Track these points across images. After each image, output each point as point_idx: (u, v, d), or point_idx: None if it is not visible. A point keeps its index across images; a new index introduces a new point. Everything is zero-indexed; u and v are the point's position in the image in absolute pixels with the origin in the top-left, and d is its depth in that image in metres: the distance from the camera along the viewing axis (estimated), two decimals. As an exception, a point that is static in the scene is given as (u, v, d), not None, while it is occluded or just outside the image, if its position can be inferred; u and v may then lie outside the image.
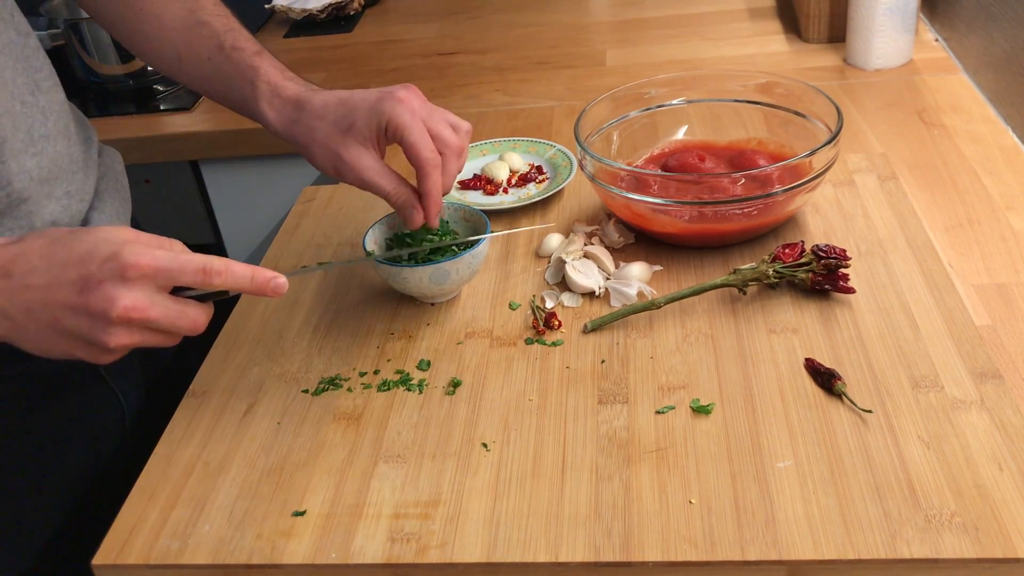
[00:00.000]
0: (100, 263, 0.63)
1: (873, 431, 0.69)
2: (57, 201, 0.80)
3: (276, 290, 0.68)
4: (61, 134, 0.81)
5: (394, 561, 0.64)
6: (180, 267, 0.64)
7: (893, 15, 1.23)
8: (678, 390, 0.75)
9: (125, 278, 0.62)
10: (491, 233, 0.87)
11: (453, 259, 0.84)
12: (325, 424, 0.77)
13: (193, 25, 0.87)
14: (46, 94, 0.80)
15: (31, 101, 0.78)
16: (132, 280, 0.63)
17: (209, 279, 0.66)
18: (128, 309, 0.62)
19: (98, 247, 0.63)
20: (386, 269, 0.85)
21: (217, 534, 0.68)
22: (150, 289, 0.64)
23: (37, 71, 0.80)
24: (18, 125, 0.76)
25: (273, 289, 0.68)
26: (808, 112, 0.97)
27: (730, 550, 0.62)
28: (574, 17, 1.63)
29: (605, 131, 1.01)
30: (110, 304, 0.62)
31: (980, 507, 0.63)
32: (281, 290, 0.68)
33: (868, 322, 0.80)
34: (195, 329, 0.67)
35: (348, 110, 0.80)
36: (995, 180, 1.00)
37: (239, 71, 0.85)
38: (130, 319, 0.63)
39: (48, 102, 0.80)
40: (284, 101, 0.83)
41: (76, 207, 0.82)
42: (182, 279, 0.65)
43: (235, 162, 1.38)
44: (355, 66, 1.53)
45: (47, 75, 0.81)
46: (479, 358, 0.82)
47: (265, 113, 0.84)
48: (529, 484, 0.69)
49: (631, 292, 0.85)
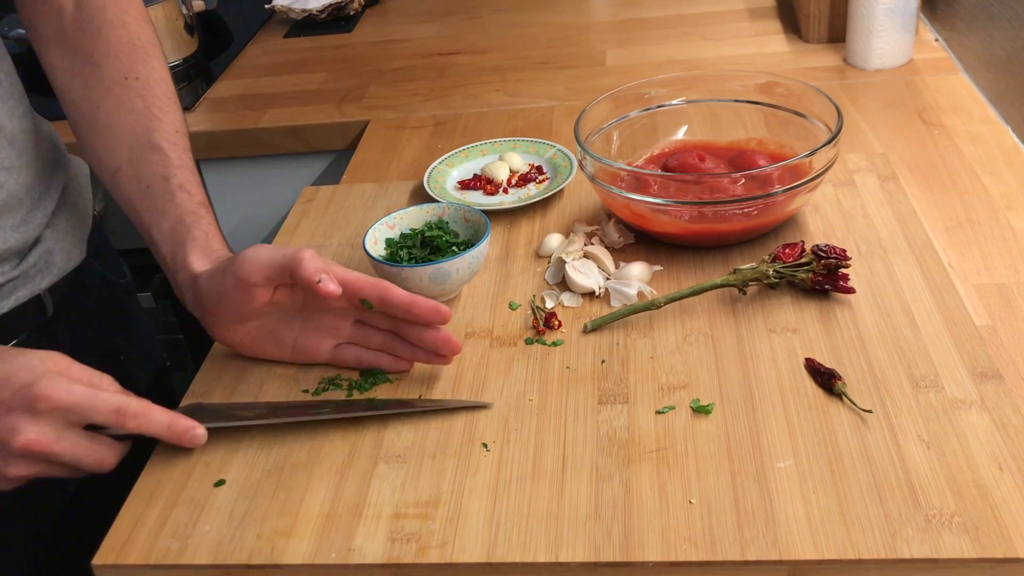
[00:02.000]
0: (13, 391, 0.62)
1: (873, 431, 0.69)
2: (12, 231, 0.79)
3: (193, 441, 0.69)
4: (26, 165, 0.79)
5: (394, 561, 0.64)
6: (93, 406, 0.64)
7: (893, 15, 1.23)
8: (678, 390, 0.75)
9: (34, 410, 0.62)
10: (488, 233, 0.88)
11: (453, 259, 0.84)
12: (325, 424, 0.77)
13: (145, 147, 0.83)
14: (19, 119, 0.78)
15: None
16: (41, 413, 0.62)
17: (123, 421, 0.65)
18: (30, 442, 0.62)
19: (17, 374, 0.63)
20: (386, 269, 0.85)
21: (217, 534, 0.68)
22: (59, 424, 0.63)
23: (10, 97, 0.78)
24: None
25: (190, 440, 0.68)
26: (808, 112, 0.97)
27: (730, 550, 0.62)
28: (574, 17, 1.63)
29: (605, 131, 1.01)
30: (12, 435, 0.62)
31: (980, 507, 0.63)
32: (198, 441, 0.69)
33: (868, 322, 0.80)
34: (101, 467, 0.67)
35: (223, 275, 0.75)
36: (995, 180, 1.00)
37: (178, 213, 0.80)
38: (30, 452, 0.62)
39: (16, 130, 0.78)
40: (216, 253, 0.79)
41: (31, 232, 0.82)
42: (95, 418, 0.65)
43: (235, 162, 1.38)
44: (355, 66, 1.53)
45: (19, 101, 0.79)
46: (479, 358, 0.82)
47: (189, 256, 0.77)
48: (529, 484, 0.69)
49: (631, 292, 0.85)
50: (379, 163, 1.21)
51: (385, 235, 0.91)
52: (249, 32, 1.72)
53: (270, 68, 1.56)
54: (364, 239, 0.89)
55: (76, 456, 0.65)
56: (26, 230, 0.80)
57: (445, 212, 0.92)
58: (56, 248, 0.86)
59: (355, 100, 1.40)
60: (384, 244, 0.90)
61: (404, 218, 0.92)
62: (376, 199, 1.09)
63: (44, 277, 0.84)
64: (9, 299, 0.81)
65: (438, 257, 0.86)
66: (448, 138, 1.25)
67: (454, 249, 0.87)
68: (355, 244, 1.01)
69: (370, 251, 0.87)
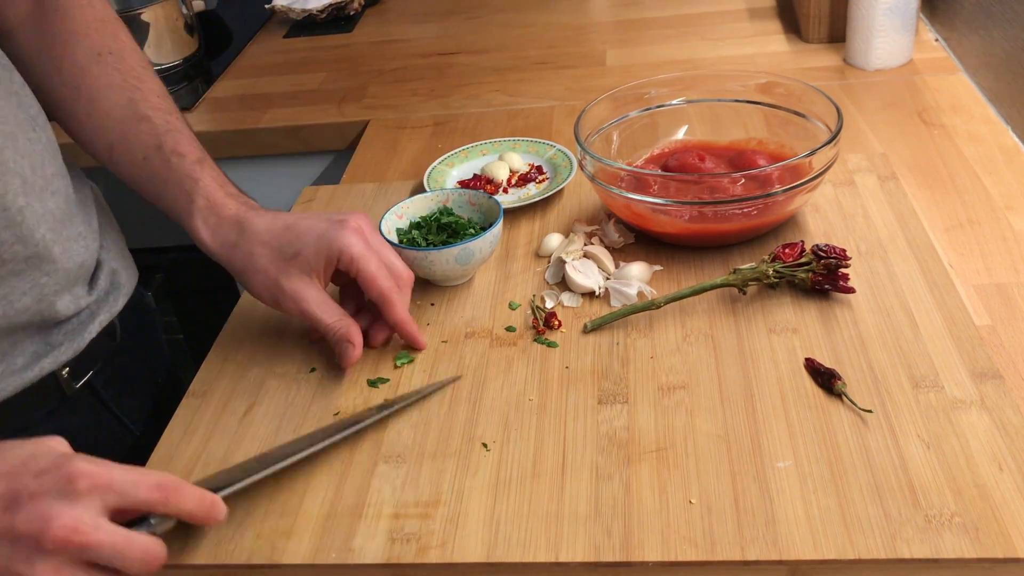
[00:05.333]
0: (37, 474, 0.54)
1: (873, 431, 0.69)
2: (76, 242, 0.77)
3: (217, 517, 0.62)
4: (62, 172, 0.77)
5: (394, 561, 0.64)
6: (135, 481, 0.56)
7: (893, 15, 1.23)
8: (678, 390, 0.75)
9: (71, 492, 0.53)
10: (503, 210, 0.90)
11: (476, 239, 0.86)
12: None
13: (132, 118, 0.81)
14: (43, 130, 0.76)
15: (34, 137, 0.74)
16: (80, 494, 0.53)
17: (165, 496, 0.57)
18: (68, 530, 0.52)
19: (35, 459, 0.55)
20: (411, 254, 0.87)
21: (217, 534, 0.68)
22: (96, 507, 0.54)
23: (29, 107, 0.75)
24: (33, 166, 0.72)
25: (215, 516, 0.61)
26: (808, 112, 0.97)
27: (730, 550, 0.62)
28: (574, 17, 1.63)
29: (605, 131, 1.01)
30: (45, 524, 0.51)
31: (980, 507, 0.63)
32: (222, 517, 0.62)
33: (868, 322, 0.80)
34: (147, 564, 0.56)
35: (294, 237, 0.76)
36: (995, 180, 1.00)
37: (175, 179, 0.79)
38: (69, 544, 0.52)
39: (47, 139, 0.76)
40: (221, 221, 0.78)
41: (91, 246, 0.79)
42: (137, 495, 0.56)
43: (235, 162, 1.38)
44: (355, 66, 1.53)
45: (37, 110, 0.77)
46: (479, 358, 0.82)
47: (199, 231, 0.78)
48: (529, 484, 0.69)
49: (631, 292, 0.85)
50: (379, 163, 1.21)
51: (396, 225, 0.93)
52: (249, 32, 1.72)
53: (270, 68, 1.56)
54: (380, 228, 0.90)
55: (118, 548, 0.54)
56: (87, 243, 0.78)
57: (450, 199, 0.94)
58: (118, 267, 0.85)
59: (355, 100, 1.40)
60: (396, 233, 0.91)
61: (411, 207, 0.94)
62: (376, 199, 1.09)
63: (116, 299, 0.83)
64: (93, 324, 0.80)
65: (457, 240, 0.88)
66: (448, 138, 1.25)
67: (471, 231, 0.89)
68: (355, 244, 1.01)
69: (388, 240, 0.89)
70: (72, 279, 0.76)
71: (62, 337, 0.77)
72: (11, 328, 0.72)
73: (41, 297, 0.72)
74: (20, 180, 0.70)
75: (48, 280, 0.73)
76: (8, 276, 0.70)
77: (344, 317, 0.79)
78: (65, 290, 0.75)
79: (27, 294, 0.71)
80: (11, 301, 0.70)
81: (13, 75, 0.75)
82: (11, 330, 0.72)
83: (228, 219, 0.78)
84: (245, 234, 0.77)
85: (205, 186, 0.79)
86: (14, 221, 0.69)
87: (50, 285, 0.73)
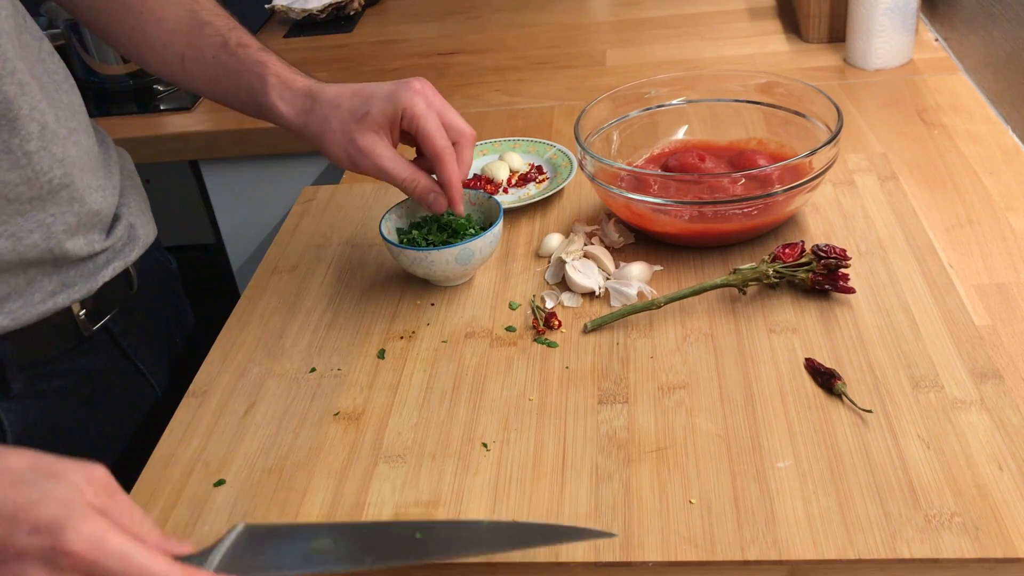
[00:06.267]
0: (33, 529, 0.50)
1: (873, 431, 0.69)
2: (95, 191, 0.81)
3: None
4: (85, 131, 0.82)
5: (394, 561, 0.64)
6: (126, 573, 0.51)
7: (893, 15, 1.23)
8: (678, 390, 0.75)
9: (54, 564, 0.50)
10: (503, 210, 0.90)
11: (476, 239, 0.86)
12: (325, 424, 0.77)
13: (195, 25, 0.87)
14: (67, 94, 0.81)
15: (56, 99, 0.79)
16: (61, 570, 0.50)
17: None
18: None
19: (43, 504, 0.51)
20: (411, 254, 0.87)
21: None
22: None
23: (55, 73, 0.80)
24: (58, 116, 0.77)
25: None
26: (808, 112, 0.97)
27: (730, 550, 0.62)
28: (574, 17, 1.63)
29: (605, 131, 1.01)
30: None
31: (980, 507, 0.63)
32: None
33: (868, 322, 0.80)
34: None
35: (363, 100, 0.82)
36: (995, 180, 1.00)
37: (246, 67, 0.85)
38: None
39: (71, 100, 0.81)
40: (295, 93, 0.83)
41: (110, 198, 0.84)
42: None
43: (235, 162, 1.38)
44: (355, 66, 1.53)
45: (64, 77, 0.82)
46: (479, 358, 0.82)
47: (276, 105, 0.83)
48: (529, 484, 0.69)
49: (631, 292, 0.85)
50: (379, 163, 1.20)
51: (396, 225, 0.93)
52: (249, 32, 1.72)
53: (270, 68, 1.56)
54: (380, 229, 0.90)
55: None
56: (105, 195, 0.82)
57: None
58: (136, 223, 0.89)
59: (355, 100, 1.39)
60: (396, 233, 0.92)
61: (411, 207, 0.94)
62: (376, 199, 1.09)
63: (132, 250, 0.87)
64: (107, 269, 0.84)
65: (457, 239, 0.88)
66: (448, 138, 1.25)
67: (471, 231, 0.89)
68: (355, 244, 1.01)
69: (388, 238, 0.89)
70: (86, 224, 0.80)
71: (77, 278, 0.81)
72: (23, 263, 0.76)
73: (49, 236, 0.76)
74: (39, 128, 0.74)
75: (55, 221, 0.76)
76: (13, 215, 0.74)
77: (417, 171, 0.83)
78: (78, 233, 0.79)
79: (34, 232, 0.75)
80: (19, 238, 0.74)
81: (43, 43, 0.80)
82: (24, 265, 0.76)
83: (300, 90, 0.84)
84: (318, 101, 0.83)
85: (273, 66, 0.84)
86: (19, 163, 0.73)
87: (57, 225, 0.77)
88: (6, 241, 0.74)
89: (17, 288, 0.76)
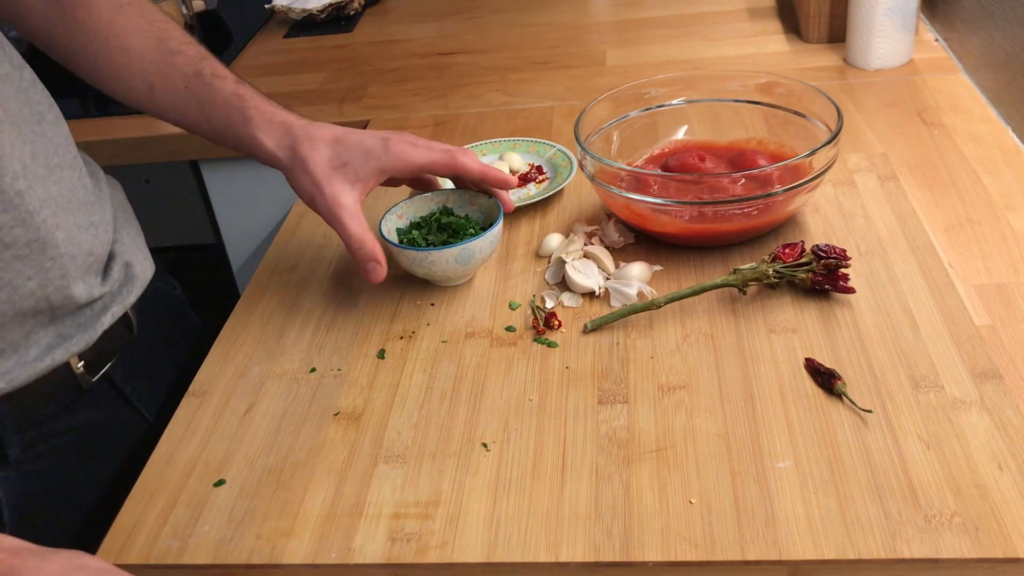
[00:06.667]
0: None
1: (873, 431, 0.69)
2: (86, 230, 0.78)
3: None
4: (71, 165, 0.79)
5: (394, 561, 0.65)
6: None
7: (893, 15, 1.23)
8: (678, 390, 0.75)
9: None
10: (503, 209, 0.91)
11: (476, 239, 0.86)
12: (325, 424, 0.77)
13: (166, 54, 0.85)
14: (51, 125, 0.78)
15: (39, 131, 0.76)
16: None
17: None
18: None
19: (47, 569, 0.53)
20: (411, 255, 0.87)
21: (217, 534, 0.68)
22: None
23: (38, 103, 0.77)
24: (35, 153, 0.74)
25: None
26: (808, 112, 0.97)
27: (730, 550, 0.62)
28: (574, 17, 1.63)
29: (605, 131, 1.01)
30: None
31: (980, 507, 0.63)
32: None
33: (868, 322, 0.80)
34: None
35: (344, 149, 0.83)
36: (995, 180, 1.00)
37: (223, 98, 0.84)
38: None
39: (54, 134, 0.78)
40: (277, 126, 0.83)
41: (103, 236, 0.81)
42: None
43: (235, 162, 1.38)
44: (355, 66, 1.53)
45: (48, 107, 0.79)
46: (479, 358, 0.82)
47: (258, 137, 0.83)
48: (529, 484, 0.69)
49: (631, 292, 0.85)
50: (379, 163, 1.20)
51: (396, 225, 0.93)
52: (249, 32, 1.72)
53: (270, 68, 1.56)
54: (380, 229, 0.90)
55: None
56: (97, 233, 0.79)
57: (450, 198, 0.94)
58: (132, 260, 0.86)
59: (355, 100, 1.40)
60: (395, 233, 0.92)
61: (411, 207, 0.94)
62: (376, 199, 1.09)
63: (130, 291, 0.84)
64: (106, 316, 0.81)
65: (457, 240, 0.88)
66: (448, 138, 1.25)
67: (471, 231, 0.89)
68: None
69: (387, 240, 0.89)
70: (81, 267, 0.77)
71: (74, 329, 0.78)
72: (20, 314, 0.73)
73: (46, 282, 0.73)
74: (20, 165, 0.71)
75: (53, 265, 0.73)
76: (12, 260, 0.70)
77: (369, 233, 0.82)
78: (76, 278, 0.76)
79: (32, 279, 0.72)
80: (16, 286, 0.71)
81: (24, 72, 0.77)
82: (21, 317, 0.73)
83: (281, 124, 0.84)
84: (299, 139, 0.83)
85: (252, 98, 0.84)
86: (12, 204, 0.70)
87: (55, 270, 0.73)
88: (2, 291, 0.70)
89: (13, 343, 0.73)
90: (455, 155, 0.85)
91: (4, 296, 0.71)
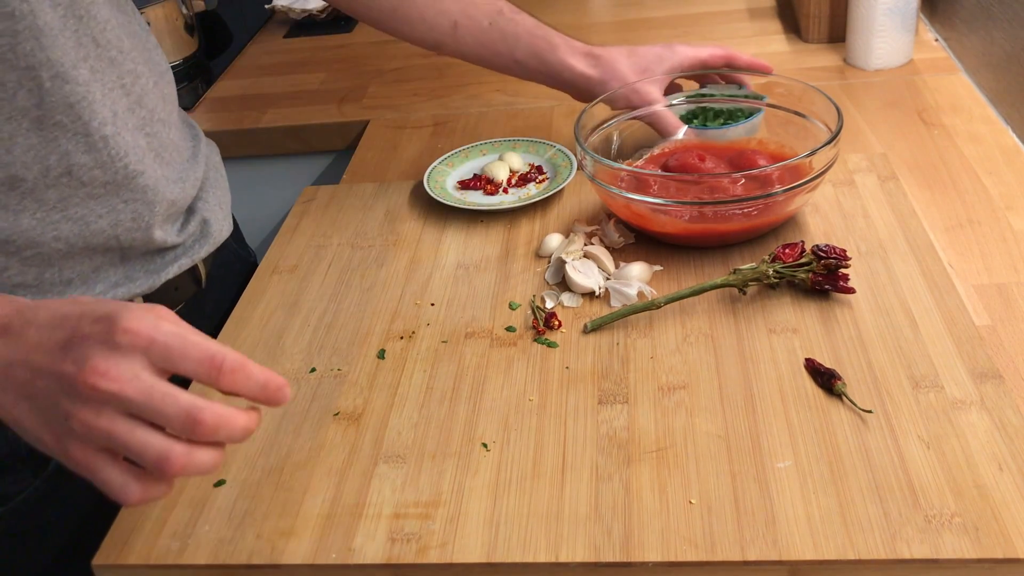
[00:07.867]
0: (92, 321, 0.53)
1: (873, 431, 0.69)
2: (173, 183, 0.82)
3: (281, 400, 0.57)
4: (169, 122, 0.84)
5: (394, 561, 0.65)
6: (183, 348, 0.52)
7: (893, 15, 1.23)
8: (678, 390, 0.75)
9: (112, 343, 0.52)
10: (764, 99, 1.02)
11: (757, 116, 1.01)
12: (325, 424, 0.77)
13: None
14: (159, 86, 0.83)
15: (147, 88, 0.80)
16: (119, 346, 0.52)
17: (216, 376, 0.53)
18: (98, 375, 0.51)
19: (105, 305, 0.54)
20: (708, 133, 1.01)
21: (217, 534, 0.68)
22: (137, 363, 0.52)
23: (157, 64, 0.83)
24: (131, 106, 0.78)
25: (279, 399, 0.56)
26: (808, 112, 0.97)
27: (730, 550, 0.62)
28: (574, 17, 1.63)
29: (605, 131, 1.01)
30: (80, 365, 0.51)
31: (980, 507, 0.63)
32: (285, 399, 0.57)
33: (868, 322, 0.80)
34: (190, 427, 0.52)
35: (639, 58, 1.01)
36: (995, 180, 1.00)
37: (527, 30, 1.00)
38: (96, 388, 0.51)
39: (162, 94, 0.83)
40: (578, 51, 1.01)
41: (188, 191, 0.85)
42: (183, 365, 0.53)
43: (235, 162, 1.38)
44: (355, 66, 1.53)
45: (164, 70, 0.85)
46: (479, 358, 0.82)
47: (567, 58, 1.00)
48: (529, 484, 0.69)
49: (631, 292, 0.85)
50: (379, 163, 1.21)
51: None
52: (249, 32, 1.72)
53: (270, 68, 1.56)
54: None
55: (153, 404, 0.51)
56: (183, 188, 0.84)
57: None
58: (211, 218, 0.90)
59: (355, 100, 1.40)
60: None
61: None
62: (376, 199, 1.09)
63: (202, 246, 0.88)
64: (174, 265, 0.84)
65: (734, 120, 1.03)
66: (448, 138, 1.25)
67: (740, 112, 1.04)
68: (355, 245, 1.01)
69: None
70: (160, 216, 0.80)
71: (141, 272, 0.81)
72: (89, 248, 0.76)
73: (117, 223, 0.76)
74: (111, 114, 0.75)
75: (125, 208, 0.77)
76: (86, 198, 0.74)
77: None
78: (152, 225, 0.80)
79: (103, 218, 0.75)
80: (87, 222, 0.75)
81: (149, 37, 0.84)
82: (90, 251, 0.76)
83: (581, 48, 1.02)
84: (602, 58, 1.01)
85: (550, 30, 1.01)
86: (95, 146, 0.73)
87: (127, 213, 0.77)
88: (74, 225, 0.74)
89: (82, 275, 0.76)
90: (726, 48, 1.03)
91: (76, 229, 0.74)
